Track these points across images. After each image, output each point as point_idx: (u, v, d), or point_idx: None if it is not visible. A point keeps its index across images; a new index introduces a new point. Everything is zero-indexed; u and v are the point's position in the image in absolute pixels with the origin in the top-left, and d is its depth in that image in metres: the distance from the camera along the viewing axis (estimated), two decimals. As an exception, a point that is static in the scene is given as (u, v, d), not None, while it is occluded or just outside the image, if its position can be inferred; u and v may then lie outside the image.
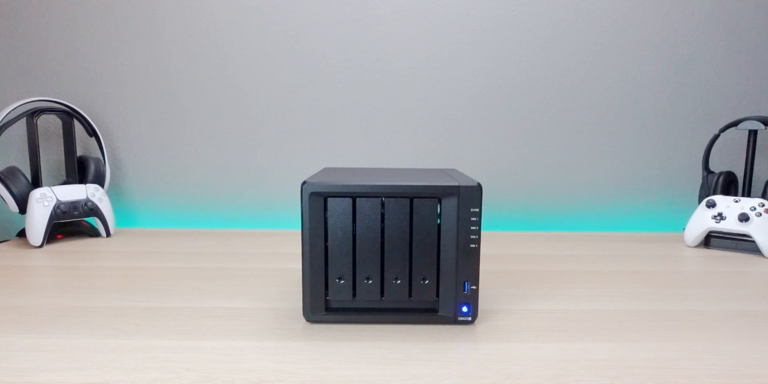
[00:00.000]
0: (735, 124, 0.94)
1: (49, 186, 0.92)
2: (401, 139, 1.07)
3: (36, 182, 0.94)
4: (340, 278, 0.53)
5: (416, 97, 1.06)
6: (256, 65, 1.05)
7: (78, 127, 1.01)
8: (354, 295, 0.54)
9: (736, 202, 0.90)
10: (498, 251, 0.89)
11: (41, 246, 0.89)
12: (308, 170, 1.08)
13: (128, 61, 1.04)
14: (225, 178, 1.08)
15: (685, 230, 0.94)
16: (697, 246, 0.93)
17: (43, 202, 0.89)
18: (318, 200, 0.52)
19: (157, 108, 1.06)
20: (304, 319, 0.55)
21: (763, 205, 0.87)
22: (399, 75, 1.05)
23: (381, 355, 0.47)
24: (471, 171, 1.08)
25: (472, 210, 0.52)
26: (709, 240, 0.92)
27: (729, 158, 1.08)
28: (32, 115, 0.93)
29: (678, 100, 1.06)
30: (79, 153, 1.02)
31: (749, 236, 0.87)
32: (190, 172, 1.08)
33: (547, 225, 1.10)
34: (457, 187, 0.52)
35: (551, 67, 1.05)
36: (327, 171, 0.66)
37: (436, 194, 0.52)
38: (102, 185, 0.99)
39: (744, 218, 0.87)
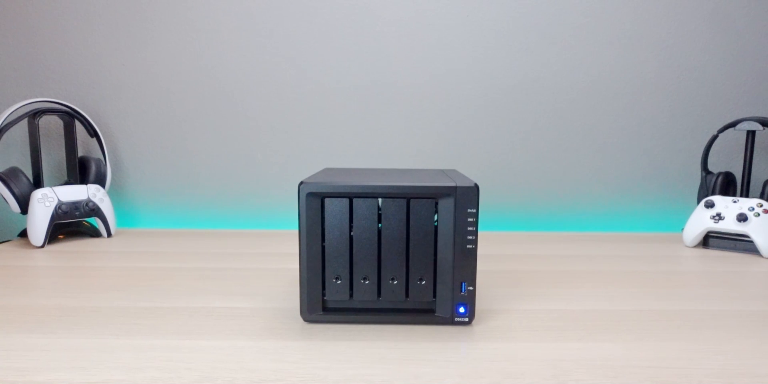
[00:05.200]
0: (733, 124, 0.94)
1: (51, 186, 0.92)
2: (403, 139, 1.07)
3: (37, 183, 0.95)
4: (337, 278, 0.53)
5: (417, 98, 1.06)
6: (257, 66, 1.05)
7: (79, 127, 1.01)
8: (351, 295, 0.54)
9: (735, 202, 0.90)
10: (496, 251, 0.89)
11: (42, 246, 0.89)
12: (309, 170, 1.08)
13: (129, 62, 1.05)
14: (226, 179, 1.09)
15: (684, 230, 0.94)
16: (696, 246, 0.94)
17: (45, 202, 0.89)
18: (315, 200, 0.52)
19: (158, 108, 1.07)
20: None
21: (762, 206, 0.87)
22: (400, 76, 1.05)
23: (380, 355, 0.47)
24: (472, 171, 1.09)
25: (468, 210, 0.52)
26: (708, 240, 0.93)
27: (727, 159, 1.08)
28: (34, 115, 0.93)
29: (677, 101, 1.06)
30: (80, 153, 1.02)
31: (747, 236, 0.87)
32: (190, 172, 1.09)
33: (546, 225, 1.10)
34: (454, 188, 0.52)
35: (550, 68, 1.05)
36: (326, 171, 0.67)
37: (433, 195, 0.52)
38: (103, 186, 0.99)
39: (742, 218, 0.87)
